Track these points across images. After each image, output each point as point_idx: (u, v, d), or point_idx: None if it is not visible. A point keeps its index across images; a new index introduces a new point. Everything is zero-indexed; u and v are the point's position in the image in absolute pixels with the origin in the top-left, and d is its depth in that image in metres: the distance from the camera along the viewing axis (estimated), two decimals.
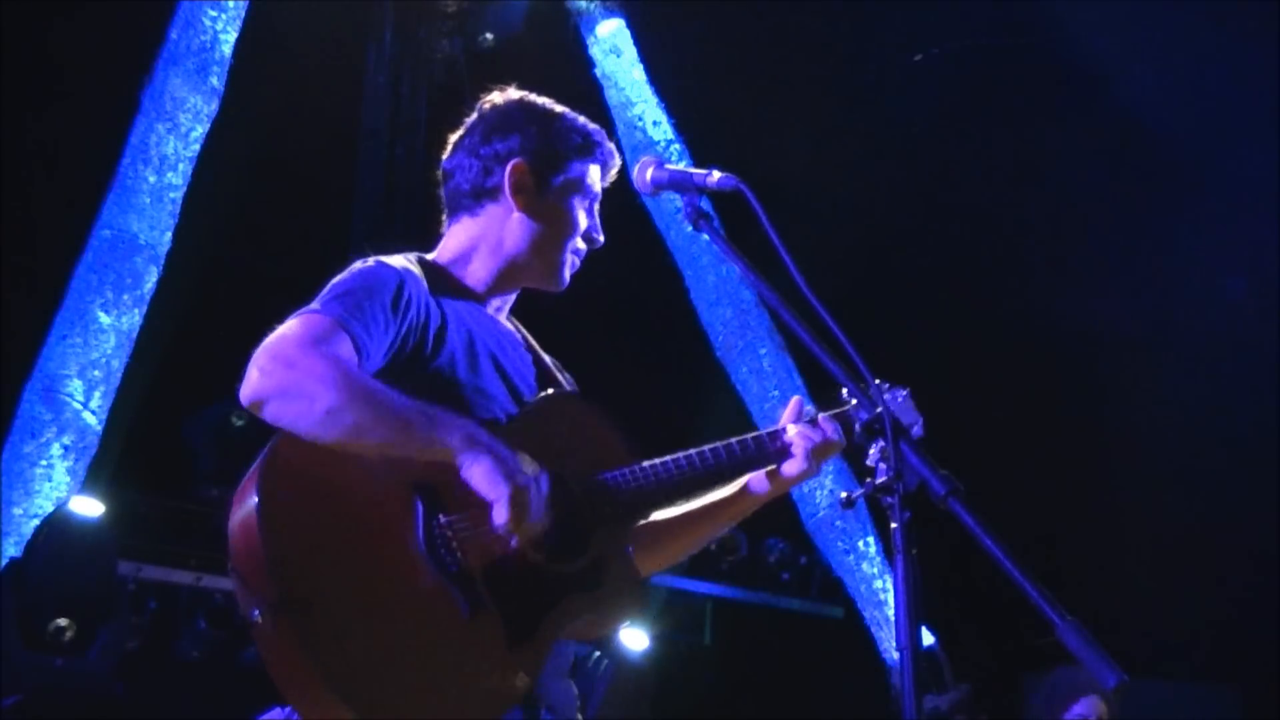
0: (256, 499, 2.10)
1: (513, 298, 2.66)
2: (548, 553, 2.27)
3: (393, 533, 2.19)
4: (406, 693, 2.08)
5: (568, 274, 2.60)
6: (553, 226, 2.54)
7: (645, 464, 2.44)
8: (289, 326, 2.23)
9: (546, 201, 2.54)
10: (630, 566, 2.37)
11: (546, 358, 2.70)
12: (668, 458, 2.46)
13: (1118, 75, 7.85)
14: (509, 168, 2.54)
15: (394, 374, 2.28)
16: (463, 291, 2.52)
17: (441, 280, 2.49)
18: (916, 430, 2.56)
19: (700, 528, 2.69)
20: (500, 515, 2.14)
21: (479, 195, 2.56)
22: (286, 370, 2.15)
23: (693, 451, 2.47)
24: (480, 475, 2.14)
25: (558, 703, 2.45)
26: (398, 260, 2.45)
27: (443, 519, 2.21)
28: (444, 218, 2.65)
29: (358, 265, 2.42)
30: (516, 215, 2.53)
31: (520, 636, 2.17)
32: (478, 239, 2.55)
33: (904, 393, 2.60)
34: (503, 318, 2.63)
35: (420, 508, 2.21)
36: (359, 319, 2.26)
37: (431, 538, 2.19)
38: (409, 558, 2.17)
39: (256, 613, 2.06)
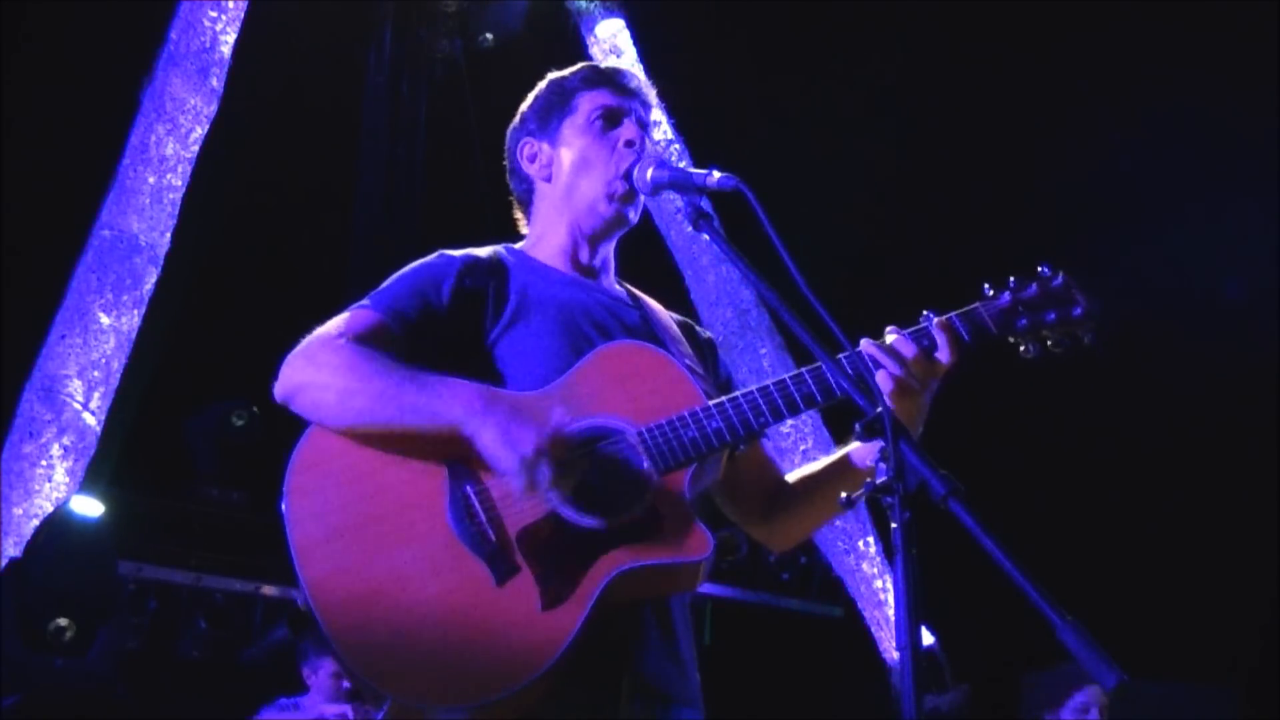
0: (284, 491, 2.25)
1: (606, 257, 2.66)
2: (589, 508, 2.21)
3: (422, 509, 2.23)
4: (424, 665, 2.12)
5: (615, 205, 2.57)
6: (580, 168, 2.59)
7: (710, 403, 2.31)
8: (329, 322, 2.38)
9: (561, 151, 2.63)
10: (687, 515, 2.23)
11: (665, 316, 2.67)
12: (739, 393, 2.33)
13: (1116, 75, 7.86)
14: (520, 151, 2.68)
15: (452, 351, 2.38)
16: (545, 267, 2.59)
17: (523, 261, 2.59)
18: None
19: (828, 487, 2.52)
20: (515, 483, 2.17)
21: (525, 190, 2.70)
22: (305, 365, 2.30)
23: (769, 382, 2.34)
24: (485, 446, 2.18)
25: (661, 684, 2.31)
26: (465, 250, 2.56)
27: (469, 489, 2.24)
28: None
29: (421, 260, 2.54)
30: (550, 184, 2.64)
31: (556, 597, 2.15)
32: (543, 221, 2.66)
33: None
34: (604, 281, 2.65)
35: (448, 481, 2.24)
36: (400, 308, 2.39)
37: (459, 510, 2.22)
38: (437, 532, 2.21)
39: (300, 600, 2.21)
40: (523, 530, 2.21)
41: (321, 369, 2.28)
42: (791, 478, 2.62)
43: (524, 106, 2.73)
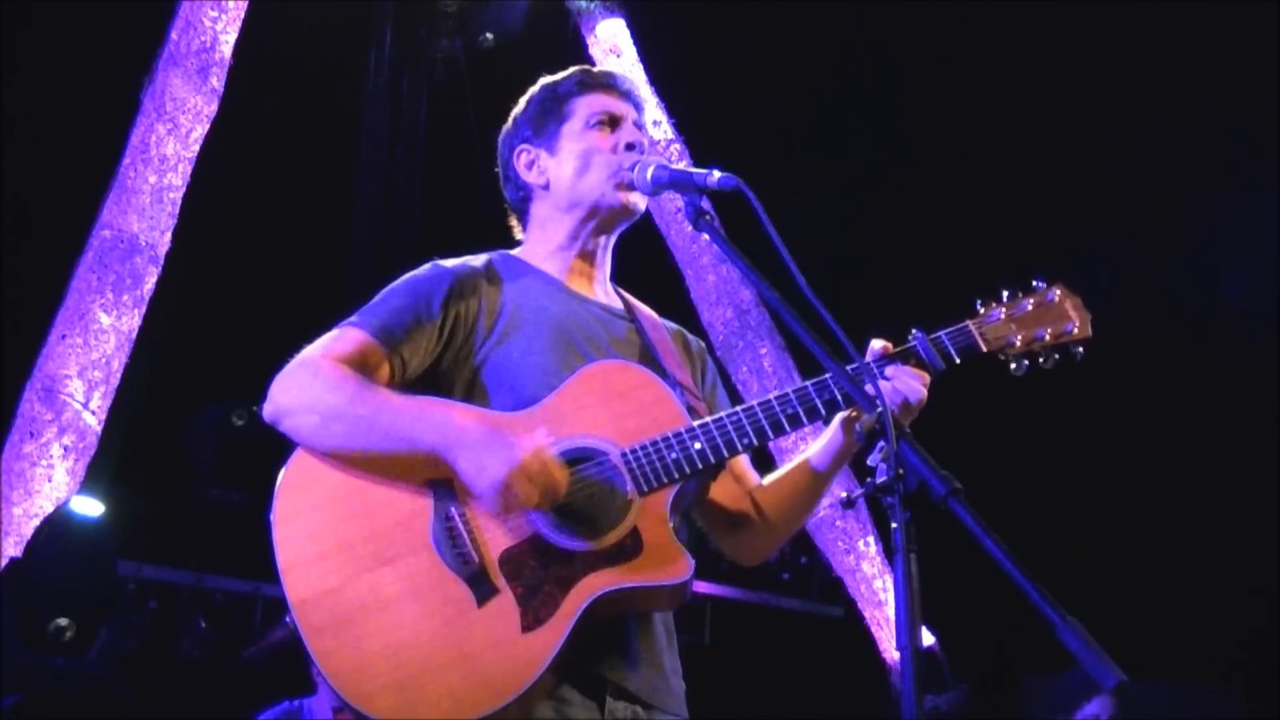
0: (271, 512, 2.29)
1: (606, 257, 2.65)
2: (571, 530, 2.23)
3: (406, 530, 2.25)
4: (404, 686, 2.15)
5: (622, 194, 2.54)
6: (583, 170, 2.57)
7: (695, 423, 2.32)
8: (316, 342, 2.38)
9: (561, 158, 2.60)
10: (669, 537, 2.24)
11: (657, 324, 2.66)
12: (723, 413, 2.34)
13: (1114, 74, 7.86)
14: (516, 159, 2.65)
15: (443, 366, 2.41)
16: (540, 275, 2.58)
17: (516, 270, 2.57)
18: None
19: (797, 498, 2.55)
20: (493, 506, 2.20)
21: (522, 197, 2.67)
22: (289, 389, 2.32)
23: (754, 403, 2.34)
24: (462, 473, 2.20)
25: (645, 693, 2.31)
26: (459, 259, 2.55)
27: (453, 511, 2.25)
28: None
29: (413, 272, 2.52)
30: (549, 191, 2.61)
31: (535, 619, 2.17)
32: (541, 225, 2.64)
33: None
34: (596, 290, 2.62)
35: (433, 503, 2.26)
36: (389, 326, 2.38)
37: (442, 532, 2.24)
38: (420, 554, 2.23)
39: (287, 619, 2.25)
40: (505, 552, 2.22)
41: (303, 393, 2.30)
42: (764, 485, 2.60)
43: (515, 112, 2.71)
